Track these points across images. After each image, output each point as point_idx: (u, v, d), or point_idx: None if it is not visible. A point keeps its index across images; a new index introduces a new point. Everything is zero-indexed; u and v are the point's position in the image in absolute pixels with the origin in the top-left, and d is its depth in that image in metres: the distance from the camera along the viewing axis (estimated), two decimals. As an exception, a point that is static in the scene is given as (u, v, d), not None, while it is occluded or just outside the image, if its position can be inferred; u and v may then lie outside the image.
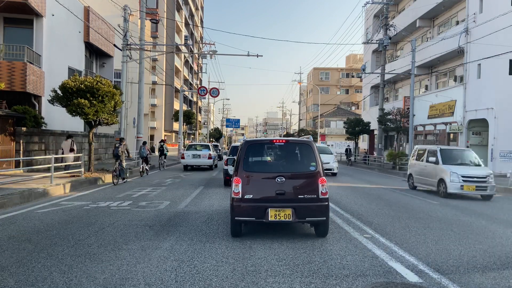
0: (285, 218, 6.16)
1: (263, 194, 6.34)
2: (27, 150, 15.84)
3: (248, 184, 6.37)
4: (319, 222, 6.45)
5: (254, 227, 7.19)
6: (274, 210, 6.16)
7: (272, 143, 7.20)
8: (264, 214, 6.18)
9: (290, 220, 6.18)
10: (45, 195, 10.75)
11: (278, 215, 6.15)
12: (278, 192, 6.26)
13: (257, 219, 6.25)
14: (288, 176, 6.38)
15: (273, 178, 6.34)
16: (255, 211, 6.24)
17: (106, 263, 4.97)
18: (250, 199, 6.30)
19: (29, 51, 16.84)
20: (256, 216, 6.24)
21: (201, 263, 5.00)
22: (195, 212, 8.71)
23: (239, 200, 6.30)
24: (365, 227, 7.42)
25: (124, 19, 19.54)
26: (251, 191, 6.33)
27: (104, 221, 7.58)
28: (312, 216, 6.28)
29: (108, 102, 15.10)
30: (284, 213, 6.16)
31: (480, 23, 22.52)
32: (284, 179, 6.31)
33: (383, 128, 29.42)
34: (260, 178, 6.50)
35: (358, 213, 8.97)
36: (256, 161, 6.95)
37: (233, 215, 6.36)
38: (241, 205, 6.29)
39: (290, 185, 6.33)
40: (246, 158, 6.70)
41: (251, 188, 6.36)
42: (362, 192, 13.45)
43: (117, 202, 9.90)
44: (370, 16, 38.42)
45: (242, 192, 6.32)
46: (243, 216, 6.30)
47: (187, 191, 12.52)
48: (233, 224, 6.46)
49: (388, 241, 6.34)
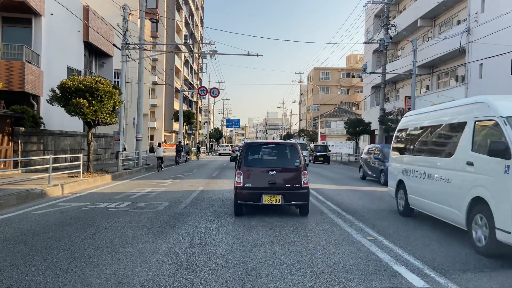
0: (275, 202, 7.99)
1: (259, 183, 8.16)
2: (25, 151, 15.70)
3: (248, 176, 8.20)
4: (301, 205, 8.41)
5: (253, 229, 7.05)
6: (267, 196, 7.98)
7: (267, 144, 9.50)
8: (259, 198, 8.00)
9: (279, 203, 8.00)
10: (43, 196, 10.60)
11: (270, 200, 7.98)
12: (270, 182, 8.11)
13: (254, 202, 8.08)
14: (278, 170, 8.29)
15: (267, 172, 8.22)
16: (252, 196, 8.06)
17: (102, 267, 4.82)
18: (249, 187, 8.15)
19: (28, 51, 16.70)
20: (253, 200, 8.06)
21: (200, 267, 4.86)
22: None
23: (240, 188, 8.13)
24: (367, 229, 7.27)
25: (124, 18, 19.39)
26: (250, 182, 8.17)
27: (102, 222, 7.44)
28: (296, 200, 8.16)
29: (107, 102, 14.95)
30: (275, 198, 7.99)
31: (482, 23, 22.37)
32: (275, 172, 8.21)
33: (384, 128, 29.27)
34: (257, 172, 8.34)
35: (360, 214, 8.81)
36: (254, 159, 8.78)
37: (236, 199, 8.19)
38: (242, 192, 8.12)
39: (280, 177, 8.20)
40: (246, 156, 8.55)
41: (250, 179, 8.19)
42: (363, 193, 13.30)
43: (115, 203, 9.75)
44: (370, 16, 38.28)
45: (243, 182, 8.15)
46: (244, 200, 8.13)
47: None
48: (236, 206, 8.31)
49: (392, 244, 6.19)
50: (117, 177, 16.54)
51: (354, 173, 22.72)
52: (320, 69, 73.08)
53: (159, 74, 46.36)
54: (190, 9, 67.65)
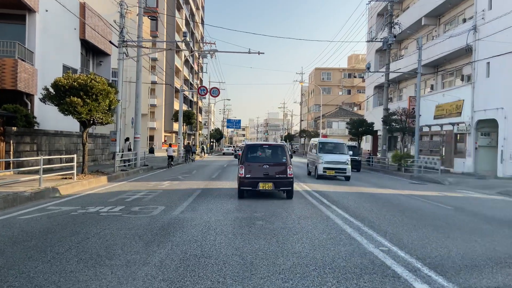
0: (268, 188, 10.80)
1: (256, 174, 10.89)
2: (17, 151, 15.14)
3: (248, 169, 10.95)
4: (287, 190, 11.11)
5: (254, 237, 6.47)
6: (262, 183, 10.75)
7: (262, 145, 12.34)
8: (256, 185, 10.77)
9: (271, 189, 10.87)
10: (32, 199, 10.03)
11: (264, 186, 10.75)
12: (264, 174, 10.90)
13: (252, 188, 10.84)
14: (270, 164, 11.11)
15: (262, 166, 11.03)
16: (251, 184, 10.83)
17: (82, 283, 4.24)
18: (249, 177, 10.88)
19: (21, 48, 16.14)
20: (252, 186, 10.82)
21: (194, 284, 4.27)
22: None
23: (243, 178, 10.91)
24: (379, 237, 6.68)
25: (121, 14, 18.81)
26: (249, 173, 10.91)
27: (90, 229, 6.86)
28: (283, 186, 10.96)
29: (103, 100, 14.38)
30: (268, 185, 10.76)
31: (489, 20, 21.78)
32: (268, 166, 11.02)
33: (388, 128, 28.65)
34: (255, 165, 11.05)
35: (370, 221, 8.23)
36: (253, 156, 11.52)
37: (239, 186, 11.01)
38: (244, 181, 10.89)
39: (272, 170, 10.97)
40: (247, 154, 11.39)
41: (249, 171, 10.93)
42: (369, 196, 12.71)
43: (108, 207, 9.17)
44: (373, 14, 37.68)
45: (244, 173, 10.91)
46: (245, 186, 10.91)
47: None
48: (239, 191, 11.09)
49: (408, 255, 5.59)
50: (113, 179, 15.97)
51: (370, 177, 22.06)
52: (321, 69, 72.47)
53: (159, 73, 45.82)
54: (190, 9, 67.13)
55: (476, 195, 14.52)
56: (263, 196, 11.58)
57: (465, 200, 12.93)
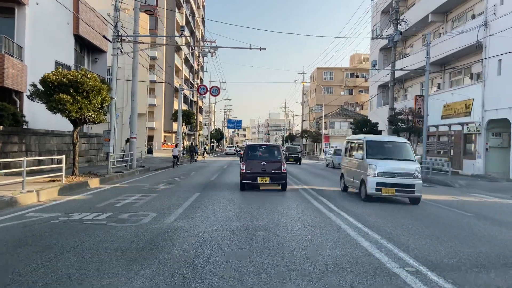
0: (265, 181, 12.84)
1: (255, 170, 12.90)
2: (4, 152, 14.23)
3: (248, 165, 12.96)
4: (281, 183, 13.12)
5: (256, 254, 5.54)
6: (260, 177, 12.78)
7: (261, 145, 14.74)
8: (255, 179, 12.82)
9: (268, 182, 12.91)
10: (12, 204, 9.12)
11: (262, 180, 12.79)
12: (262, 169, 12.92)
13: (252, 182, 12.91)
14: (268, 161, 13.16)
15: (260, 163, 13.08)
16: (251, 178, 12.86)
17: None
18: (249, 172, 12.87)
19: (8, 42, 15.25)
20: (252, 180, 12.87)
21: (180, 323, 3.36)
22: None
23: (244, 173, 12.88)
24: (401, 253, 5.75)
25: (115, 7, 17.89)
26: (250, 169, 12.91)
27: (68, 242, 5.95)
28: (278, 180, 12.99)
29: (94, 98, 13.47)
30: (265, 179, 12.79)
31: (501, 15, 20.86)
32: (265, 163, 13.08)
33: (394, 128, 27.70)
34: (254, 162, 13.09)
35: (386, 232, 7.30)
36: (252, 154, 13.64)
37: (241, 179, 13.01)
38: (245, 175, 12.87)
39: (269, 166, 13.01)
40: (248, 153, 13.55)
41: (249, 167, 12.94)
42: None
43: (93, 214, 8.26)
44: (378, 12, 36.78)
45: (245, 169, 12.87)
46: (246, 180, 12.92)
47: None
48: (241, 184, 13.05)
49: (442, 279, 4.66)
50: (106, 181, 15.07)
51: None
52: (323, 68, 71.56)
53: (159, 72, 44.95)
54: (191, 7, 66.29)
55: (492, 199, 13.62)
56: (266, 203, 10.67)
57: (482, 205, 12.03)
